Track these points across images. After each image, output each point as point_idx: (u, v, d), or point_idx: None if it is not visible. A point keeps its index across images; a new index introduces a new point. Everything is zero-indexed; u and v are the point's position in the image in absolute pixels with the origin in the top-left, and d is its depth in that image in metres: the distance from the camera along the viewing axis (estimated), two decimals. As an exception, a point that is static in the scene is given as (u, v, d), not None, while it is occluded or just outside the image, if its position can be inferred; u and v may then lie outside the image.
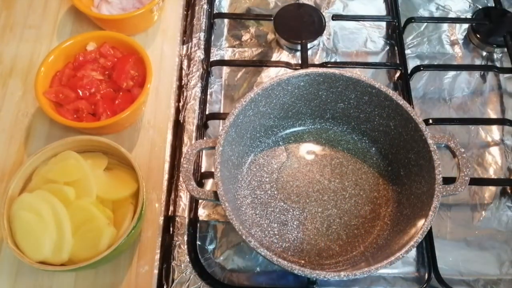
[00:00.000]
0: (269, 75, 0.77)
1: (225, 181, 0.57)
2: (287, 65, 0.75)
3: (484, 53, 0.81)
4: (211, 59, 0.77)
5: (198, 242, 0.64)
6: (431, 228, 0.64)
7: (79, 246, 0.54)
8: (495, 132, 0.74)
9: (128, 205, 0.57)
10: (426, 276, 0.62)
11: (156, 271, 0.59)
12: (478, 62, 0.81)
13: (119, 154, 0.59)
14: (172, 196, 0.65)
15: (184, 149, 0.68)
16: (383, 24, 0.83)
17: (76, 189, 0.56)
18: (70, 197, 0.55)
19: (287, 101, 0.64)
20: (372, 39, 0.82)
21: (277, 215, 0.62)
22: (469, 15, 0.84)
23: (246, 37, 0.82)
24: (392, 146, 0.64)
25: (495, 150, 0.72)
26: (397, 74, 0.77)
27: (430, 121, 0.70)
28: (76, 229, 0.54)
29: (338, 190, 0.64)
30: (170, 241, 0.62)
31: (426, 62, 0.79)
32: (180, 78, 0.74)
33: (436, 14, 0.85)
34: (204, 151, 0.70)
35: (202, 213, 0.66)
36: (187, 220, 0.63)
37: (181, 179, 0.65)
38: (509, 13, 0.82)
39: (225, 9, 0.85)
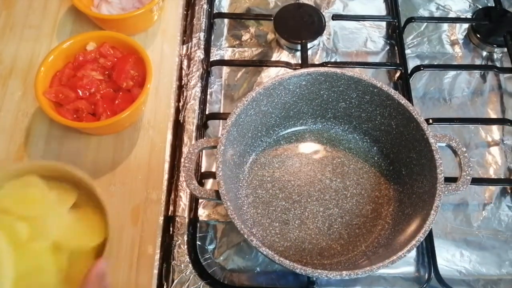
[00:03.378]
0: (269, 75, 0.77)
1: (227, 180, 0.57)
2: (287, 65, 0.74)
3: (484, 53, 0.81)
4: (211, 59, 0.77)
5: (198, 242, 0.64)
6: (431, 228, 0.64)
7: None
8: (495, 132, 0.74)
9: (89, 260, 0.47)
10: (426, 276, 0.62)
11: (156, 271, 0.59)
12: (478, 62, 0.81)
13: (92, 193, 0.50)
14: (172, 196, 0.65)
15: (184, 149, 0.68)
16: (383, 24, 0.83)
17: (30, 226, 0.47)
18: (22, 236, 0.46)
19: (289, 100, 0.64)
20: (372, 39, 0.82)
21: (279, 214, 0.62)
22: (469, 15, 0.84)
23: (246, 37, 0.82)
24: (394, 145, 0.64)
25: (495, 150, 0.72)
26: (397, 74, 0.77)
27: (430, 120, 0.70)
28: (19, 279, 0.44)
29: (340, 190, 0.64)
30: (170, 241, 0.62)
31: (426, 62, 0.79)
32: (180, 78, 0.74)
33: (436, 14, 0.85)
34: (204, 152, 0.70)
35: (202, 213, 0.66)
36: (187, 220, 0.63)
37: (181, 178, 0.65)
38: (509, 13, 0.82)
39: (225, 9, 0.85)
